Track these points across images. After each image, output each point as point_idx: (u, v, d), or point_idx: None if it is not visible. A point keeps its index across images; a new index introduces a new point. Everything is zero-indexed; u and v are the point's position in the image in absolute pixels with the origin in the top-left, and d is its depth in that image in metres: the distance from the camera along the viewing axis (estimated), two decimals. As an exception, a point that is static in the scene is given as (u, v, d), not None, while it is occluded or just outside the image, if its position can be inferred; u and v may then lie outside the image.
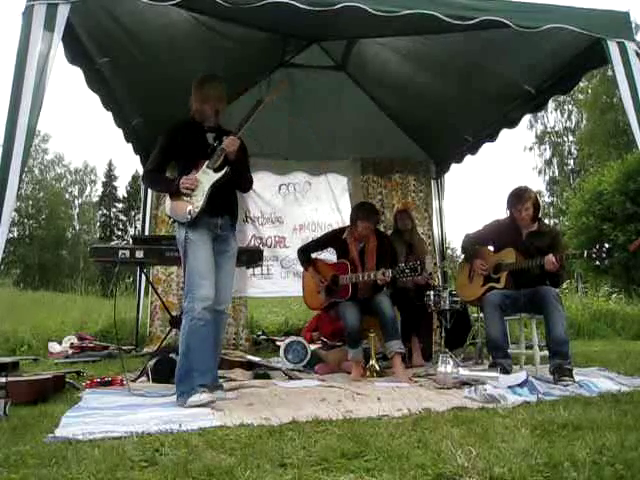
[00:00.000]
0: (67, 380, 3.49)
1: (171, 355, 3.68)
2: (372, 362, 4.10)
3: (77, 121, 65.26)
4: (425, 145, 6.61)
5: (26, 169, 3.27)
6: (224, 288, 3.17)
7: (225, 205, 3.21)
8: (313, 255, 4.54)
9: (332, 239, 4.53)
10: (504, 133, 5.46)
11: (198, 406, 2.76)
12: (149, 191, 6.24)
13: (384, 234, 4.76)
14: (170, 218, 3.31)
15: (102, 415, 2.58)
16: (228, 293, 3.25)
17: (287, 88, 3.48)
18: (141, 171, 4.12)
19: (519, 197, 3.89)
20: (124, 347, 5.79)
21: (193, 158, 3.17)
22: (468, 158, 6.26)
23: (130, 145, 5.61)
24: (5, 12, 49.04)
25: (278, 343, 5.57)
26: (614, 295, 10.79)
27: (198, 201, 3.06)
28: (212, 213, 3.12)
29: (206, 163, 3.13)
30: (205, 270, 3.02)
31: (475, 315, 5.29)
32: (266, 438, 2.07)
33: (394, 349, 3.93)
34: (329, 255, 4.82)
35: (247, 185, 3.43)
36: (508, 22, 3.31)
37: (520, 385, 3.03)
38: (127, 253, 3.89)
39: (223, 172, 3.12)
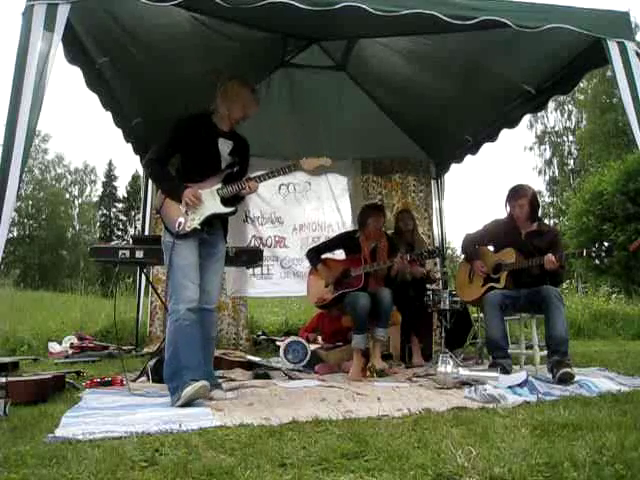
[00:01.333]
0: (67, 380, 3.49)
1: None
2: (372, 362, 4.10)
3: (77, 121, 65.43)
4: (425, 145, 6.60)
5: (26, 169, 3.26)
6: (213, 289, 3.19)
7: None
8: (323, 256, 4.57)
9: (344, 239, 4.61)
10: (504, 133, 5.46)
11: (194, 399, 2.75)
12: (149, 191, 6.22)
13: (393, 238, 4.84)
14: (157, 213, 3.27)
15: (102, 415, 2.58)
16: (217, 293, 3.28)
17: (328, 166, 3.37)
18: (141, 171, 4.10)
19: (514, 193, 3.97)
20: (124, 347, 5.79)
21: (199, 161, 3.14)
22: (468, 158, 6.26)
23: (130, 145, 5.61)
24: (5, 12, 49.07)
25: (278, 343, 5.57)
26: (614, 295, 10.79)
27: (193, 220, 3.03)
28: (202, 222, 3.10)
29: (217, 187, 3.11)
30: (190, 272, 3.01)
31: (475, 315, 5.29)
32: (266, 438, 2.07)
33: (379, 335, 4.17)
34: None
35: None
36: (508, 22, 3.31)
37: (520, 385, 3.04)
38: (127, 253, 3.88)
39: (230, 210, 3.17)
